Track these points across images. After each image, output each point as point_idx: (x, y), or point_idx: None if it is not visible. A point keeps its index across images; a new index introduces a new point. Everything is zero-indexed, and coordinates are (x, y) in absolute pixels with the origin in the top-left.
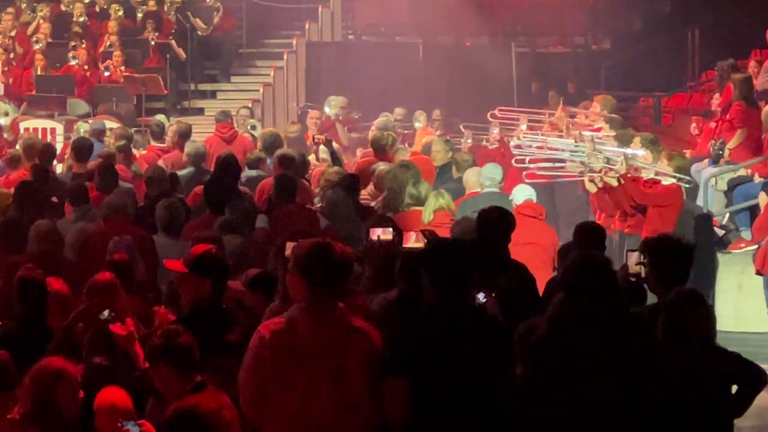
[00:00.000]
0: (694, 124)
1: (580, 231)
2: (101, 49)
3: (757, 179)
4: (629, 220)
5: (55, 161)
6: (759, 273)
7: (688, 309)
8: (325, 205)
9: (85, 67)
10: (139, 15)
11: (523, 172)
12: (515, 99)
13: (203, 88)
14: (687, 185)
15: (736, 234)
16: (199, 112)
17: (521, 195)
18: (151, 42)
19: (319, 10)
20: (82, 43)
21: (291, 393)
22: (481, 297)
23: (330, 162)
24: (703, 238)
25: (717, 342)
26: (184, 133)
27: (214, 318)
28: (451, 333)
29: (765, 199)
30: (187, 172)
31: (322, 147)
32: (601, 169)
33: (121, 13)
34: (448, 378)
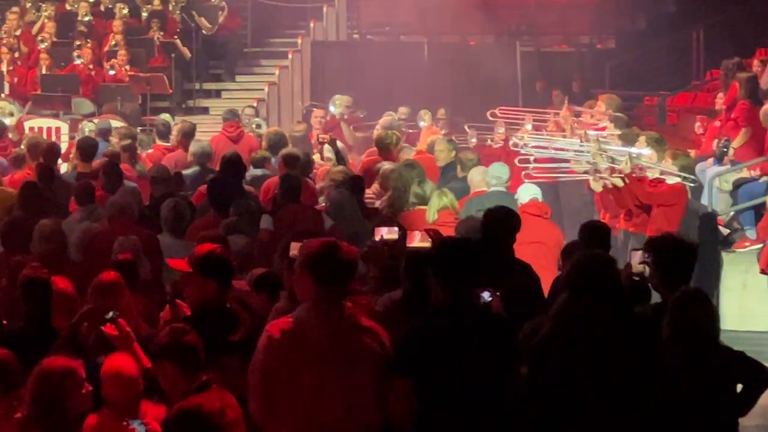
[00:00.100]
0: (698, 124)
1: (585, 230)
2: (106, 48)
3: (762, 179)
4: (634, 219)
5: (60, 161)
6: (763, 272)
7: (693, 308)
8: (330, 205)
9: (90, 66)
10: (144, 14)
11: (522, 173)
12: (520, 98)
13: (208, 87)
14: (691, 184)
15: (741, 233)
16: (204, 111)
17: (527, 194)
18: (156, 41)
19: (324, 9)
20: (87, 43)
21: (299, 392)
22: (486, 296)
23: (335, 161)
24: (708, 237)
25: (722, 341)
26: (187, 133)
27: (219, 318)
28: (457, 332)
29: None
30: (192, 172)
31: (327, 146)
32: (606, 169)
33: (126, 12)
34: (453, 377)
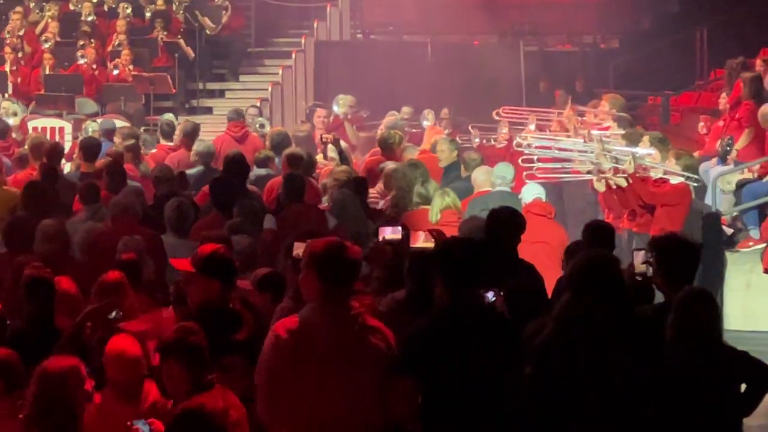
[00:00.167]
0: (702, 123)
1: (589, 230)
2: (110, 48)
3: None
4: (638, 219)
5: (63, 160)
6: (767, 271)
7: (696, 307)
8: (333, 205)
9: (94, 66)
10: (148, 14)
11: (524, 173)
12: (524, 98)
13: (212, 87)
14: (695, 184)
15: (745, 233)
16: (208, 111)
17: (530, 194)
18: (159, 41)
19: (328, 8)
20: (91, 42)
21: (306, 392)
22: (490, 296)
23: (338, 161)
24: (712, 237)
25: (725, 341)
26: (190, 132)
27: (222, 318)
28: (460, 333)
29: None
30: (196, 171)
31: (331, 146)
32: (609, 169)
33: (129, 12)
34: (456, 377)
